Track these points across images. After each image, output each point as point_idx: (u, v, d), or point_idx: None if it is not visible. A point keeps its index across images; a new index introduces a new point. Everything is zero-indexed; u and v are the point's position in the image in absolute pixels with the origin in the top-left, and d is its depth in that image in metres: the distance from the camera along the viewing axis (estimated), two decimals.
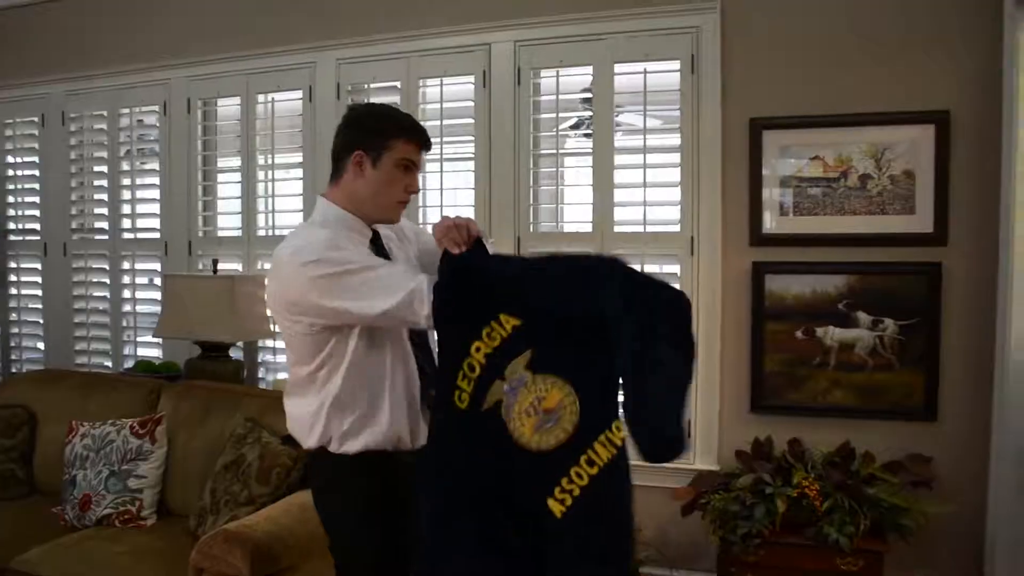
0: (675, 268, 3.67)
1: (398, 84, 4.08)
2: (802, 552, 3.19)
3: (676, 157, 3.65)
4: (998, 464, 3.25)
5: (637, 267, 2.21)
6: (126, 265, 4.78)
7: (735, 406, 3.65)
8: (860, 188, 3.46)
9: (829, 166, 3.48)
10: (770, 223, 3.57)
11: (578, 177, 3.94)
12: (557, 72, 3.82)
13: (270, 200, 4.40)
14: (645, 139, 3.70)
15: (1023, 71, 3.11)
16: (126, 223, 4.77)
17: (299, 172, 4.30)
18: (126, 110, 4.74)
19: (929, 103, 3.39)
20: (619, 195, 3.71)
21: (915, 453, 3.42)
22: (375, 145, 2.12)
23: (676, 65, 3.64)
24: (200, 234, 4.55)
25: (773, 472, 3.32)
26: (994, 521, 3.27)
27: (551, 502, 1.82)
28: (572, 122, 4.19)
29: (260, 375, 4.43)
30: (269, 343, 4.38)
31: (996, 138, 3.29)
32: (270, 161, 4.39)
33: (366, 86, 4.17)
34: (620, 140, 3.84)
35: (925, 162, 3.39)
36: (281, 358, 4.41)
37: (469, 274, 1.95)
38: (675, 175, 3.64)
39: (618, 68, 3.72)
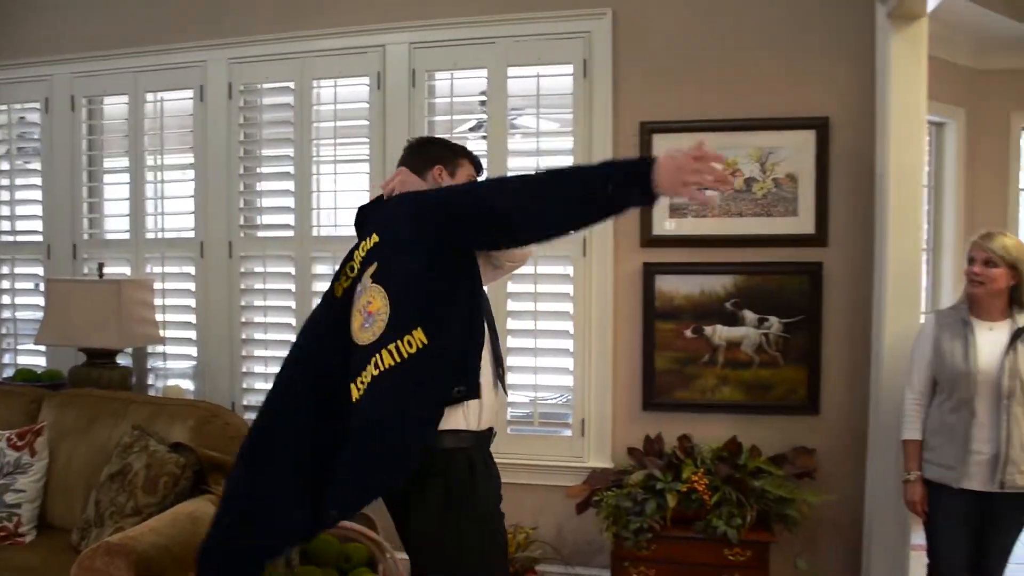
0: (568, 269, 3.72)
1: (291, 85, 4.02)
2: (692, 545, 3.29)
3: (570, 160, 3.69)
4: (874, 454, 3.41)
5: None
6: (5, 269, 4.58)
7: (627, 404, 3.73)
8: (746, 191, 3.58)
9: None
10: (660, 225, 3.65)
11: None
12: (451, 74, 3.83)
13: (160, 202, 4.27)
14: (538, 142, 3.75)
15: (894, 80, 3.27)
16: (5, 225, 4.56)
17: (190, 173, 4.19)
18: (3, 107, 4.53)
19: (810, 110, 3.54)
20: None
21: (799, 446, 3.56)
22: (450, 162, 2.44)
23: (569, 69, 3.69)
24: (85, 237, 4.38)
25: (664, 468, 3.40)
26: (871, 507, 3.43)
27: (352, 387, 2.13)
28: (472, 124, 4.21)
29: (150, 381, 4.30)
30: (159, 348, 4.25)
31: (871, 144, 3.46)
32: (159, 162, 4.26)
33: (259, 86, 4.09)
34: (518, 143, 3.88)
35: (807, 166, 3.53)
36: (171, 363, 4.31)
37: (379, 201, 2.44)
38: None
39: (512, 71, 3.75)
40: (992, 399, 2.81)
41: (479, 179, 2.54)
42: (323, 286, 3.93)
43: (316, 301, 3.87)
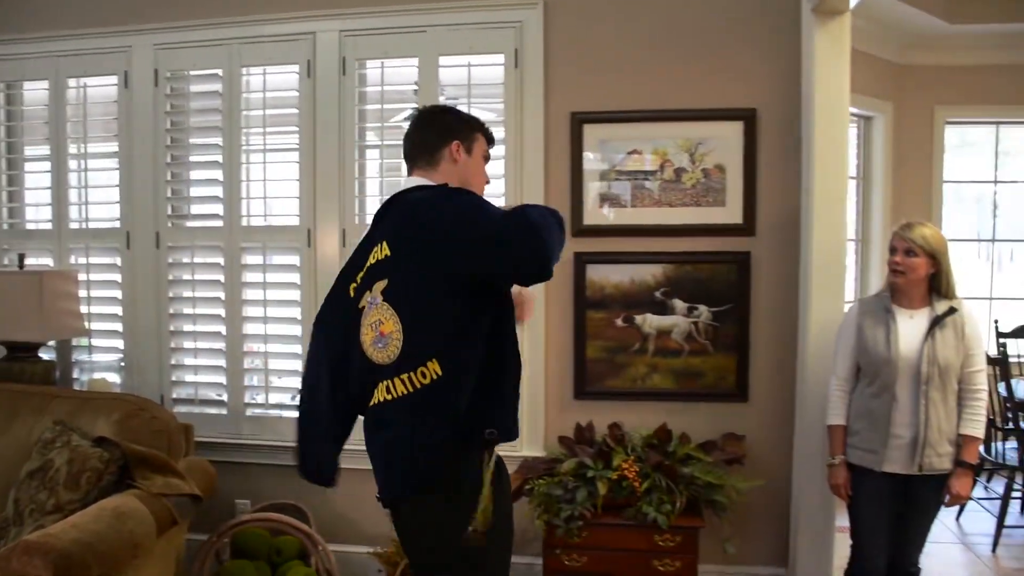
0: None
1: (219, 72, 3.93)
2: (623, 532, 3.32)
3: (500, 149, 3.68)
4: (800, 439, 3.48)
5: None
6: None
7: (559, 393, 3.75)
8: (675, 181, 3.61)
9: (646, 159, 3.62)
10: (590, 214, 3.67)
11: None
12: (382, 63, 3.79)
13: (83, 191, 4.15)
14: None
15: (818, 74, 3.33)
16: None
17: (115, 162, 4.08)
18: None
19: (738, 101, 3.59)
20: None
21: (729, 432, 3.62)
22: (467, 136, 2.29)
23: (500, 59, 3.68)
24: (5, 227, 4.25)
25: (595, 456, 3.43)
26: (798, 491, 3.50)
27: (376, 392, 2.13)
28: (407, 113, 4.16)
29: (75, 375, 4.18)
30: (84, 342, 4.15)
31: (797, 135, 3.52)
32: (83, 150, 4.14)
33: (186, 73, 4.00)
34: None
35: (735, 157, 3.58)
36: (97, 357, 4.20)
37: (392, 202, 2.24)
38: (500, 167, 3.68)
39: (443, 60, 3.73)
40: (912, 385, 2.88)
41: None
42: (254, 277, 3.93)
43: (246, 292, 3.92)
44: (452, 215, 2.06)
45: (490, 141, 2.39)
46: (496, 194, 3.69)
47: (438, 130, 2.28)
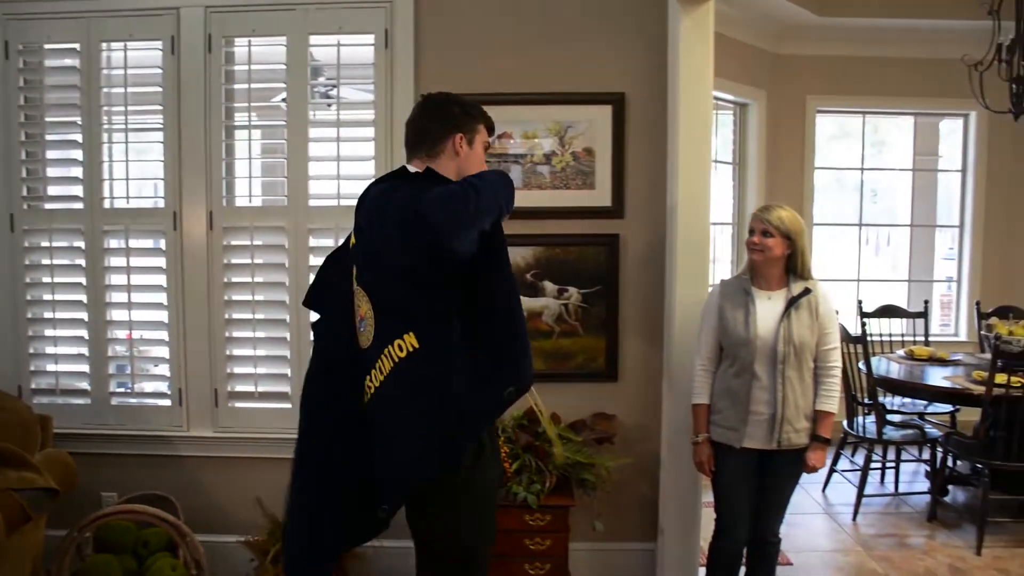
0: None
1: (77, 47, 3.74)
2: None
3: (371, 131, 3.66)
4: (668, 418, 3.57)
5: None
6: None
7: None
8: (545, 164, 3.64)
9: (516, 143, 3.63)
10: None
11: (277, 150, 3.85)
12: (250, 41, 3.68)
13: None
14: (339, 112, 3.70)
15: (684, 58, 3.40)
16: None
17: None
18: None
19: (607, 85, 3.64)
20: (314, 168, 3.67)
21: (599, 412, 3.68)
22: (470, 129, 2.36)
23: (371, 39, 3.63)
24: None
25: None
26: (666, 468, 3.59)
27: (366, 382, 2.21)
28: (282, 96, 4.08)
29: None
30: None
31: (663, 119, 3.59)
32: None
33: (40, 46, 3.79)
34: (330, 113, 3.79)
35: (603, 141, 3.63)
36: None
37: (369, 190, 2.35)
38: (370, 148, 3.65)
39: (313, 40, 3.65)
40: (769, 364, 2.99)
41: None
42: (117, 261, 3.79)
43: (108, 277, 3.77)
44: (386, 208, 2.17)
45: (491, 130, 2.45)
46: (366, 176, 3.63)
47: (442, 121, 2.33)
